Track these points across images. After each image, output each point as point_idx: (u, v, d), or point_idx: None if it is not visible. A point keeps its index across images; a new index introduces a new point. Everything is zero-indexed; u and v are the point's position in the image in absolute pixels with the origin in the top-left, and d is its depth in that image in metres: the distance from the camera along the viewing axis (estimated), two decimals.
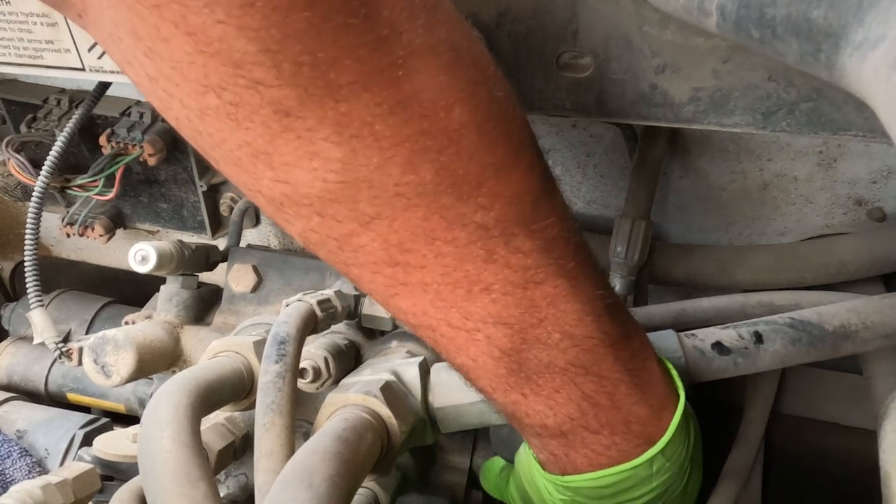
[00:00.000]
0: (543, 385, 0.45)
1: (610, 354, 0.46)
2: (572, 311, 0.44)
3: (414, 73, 0.36)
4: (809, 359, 0.59)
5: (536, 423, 0.47)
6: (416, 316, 0.44)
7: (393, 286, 0.43)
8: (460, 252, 0.40)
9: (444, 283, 0.41)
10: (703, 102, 0.55)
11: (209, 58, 0.33)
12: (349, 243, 0.41)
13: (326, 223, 0.40)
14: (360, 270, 0.43)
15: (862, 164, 0.81)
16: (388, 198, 0.38)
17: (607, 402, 0.47)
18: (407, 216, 0.39)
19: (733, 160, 0.84)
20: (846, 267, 0.80)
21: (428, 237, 0.40)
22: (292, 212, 0.40)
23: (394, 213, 0.39)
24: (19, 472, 0.79)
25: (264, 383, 0.55)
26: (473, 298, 0.42)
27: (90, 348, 0.73)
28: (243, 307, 0.84)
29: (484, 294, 0.42)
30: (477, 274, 0.41)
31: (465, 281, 0.42)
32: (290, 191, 0.38)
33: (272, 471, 0.51)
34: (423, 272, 0.41)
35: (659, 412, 0.49)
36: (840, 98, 0.53)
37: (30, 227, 0.79)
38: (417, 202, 0.39)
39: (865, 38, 0.29)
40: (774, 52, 0.35)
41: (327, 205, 0.38)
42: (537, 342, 0.44)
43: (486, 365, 0.45)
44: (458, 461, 0.78)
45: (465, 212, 0.40)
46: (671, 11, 0.46)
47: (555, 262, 0.43)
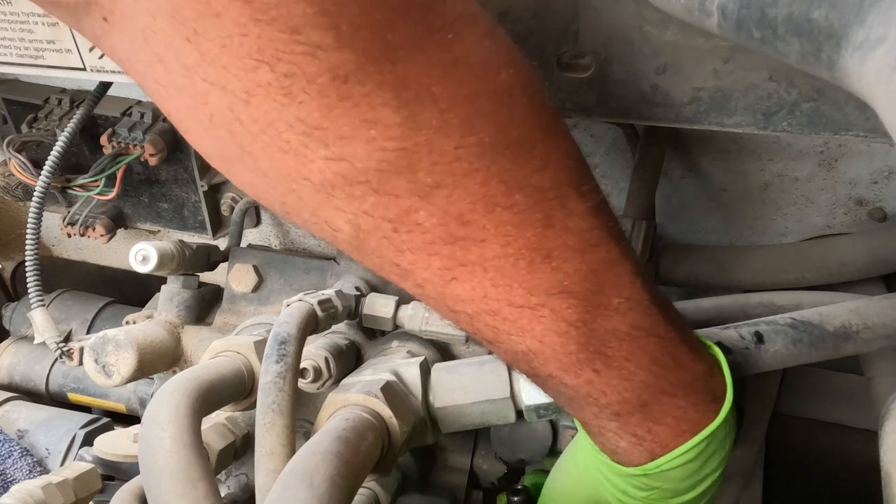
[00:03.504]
0: (613, 355, 0.45)
1: (661, 314, 0.47)
2: (626, 274, 0.45)
3: (462, 36, 0.37)
4: (810, 359, 0.59)
5: (615, 400, 0.47)
6: (475, 301, 0.43)
7: (451, 269, 0.42)
8: (520, 218, 0.40)
9: (504, 255, 0.41)
10: (704, 102, 0.55)
11: (265, 26, 0.33)
12: (405, 222, 0.40)
13: (383, 202, 0.39)
14: (414, 255, 0.41)
15: (863, 164, 0.81)
16: (447, 163, 0.38)
17: (672, 363, 0.47)
18: (467, 183, 0.39)
19: (734, 160, 0.84)
20: (847, 267, 0.80)
21: (488, 204, 0.40)
22: (345, 195, 0.39)
23: (454, 179, 0.38)
24: (20, 472, 0.79)
25: (265, 383, 0.55)
26: (535, 270, 0.42)
27: (91, 348, 0.73)
28: (244, 307, 0.84)
29: (545, 263, 0.42)
30: (537, 241, 0.41)
31: (527, 250, 0.41)
32: (345, 169, 0.37)
33: (273, 471, 0.51)
34: (483, 246, 0.41)
35: (712, 368, 0.50)
36: (841, 98, 0.53)
37: (31, 227, 0.79)
38: (477, 166, 0.39)
39: (866, 39, 0.29)
40: (775, 53, 0.35)
41: (385, 179, 0.38)
42: (601, 309, 0.44)
43: (553, 343, 0.44)
44: (459, 461, 0.78)
45: (522, 174, 0.40)
46: (672, 11, 0.46)
47: (605, 225, 0.44)
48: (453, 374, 0.63)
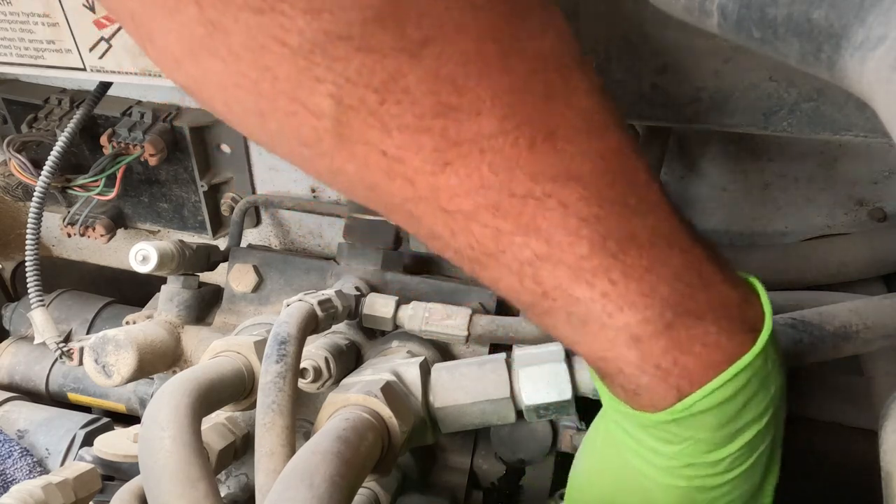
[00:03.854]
0: (632, 264, 0.40)
1: (683, 224, 0.42)
2: (641, 171, 0.41)
3: None
4: (810, 359, 0.59)
5: (635, 320, 0.41)
6: (471, 194, 0.39)
7: (444, 150, 0.38)
8: (518, 87, 0.37)
9: (502, 132, 0.38)
10: (704, 102, 0.55)
11: None
12: (393, 90, 0.37)
13: (367, 63, 0.36)
14: (403, 135, 0.38)
15: (863, 164, 0.81)
16: (437, 15, 0.35)
17: (698, 280, 0.42)
18: (458, 39, 0.36)
19: (734, 160, 0.84)
20: (847, 267, 0.80)
21: (482, 67, 0.37)
22: (326, 58, 0.36)
23: (444, 34, 0.36)
24: (20, 472, 0.79)
25: (265, 383, 0.55)
26: (537, 151, 0.38)
27: (91, 348, 0.73)
28: (244, 307, 0.84)
29: (548, 143, 0.38)
30: (538, 116, 0.38)
31: (527, 127, 0.38)
32: (327, 23, 0.35)
33: (273, 471, 0.51)
34: (479, 121, 0.37)
35: (747, 296, 0.44)
36: (841, 98, 0.53)
37: (31, 227, 0.79)
38: (468, 21, 0.36)
39: (867, 39, 0.29)
40: (775, 53, 0.35)
41: (370, 33, 0.35)
42: (615, 206, 0.40)
43: (562, 244, 0.39)
44: (459, 461, 0.78)
45: (518, 36, 0.37)
46: (672, 11, 0.46)
47: (611, 112, 0.41)
48: (453, 374, 0.63)
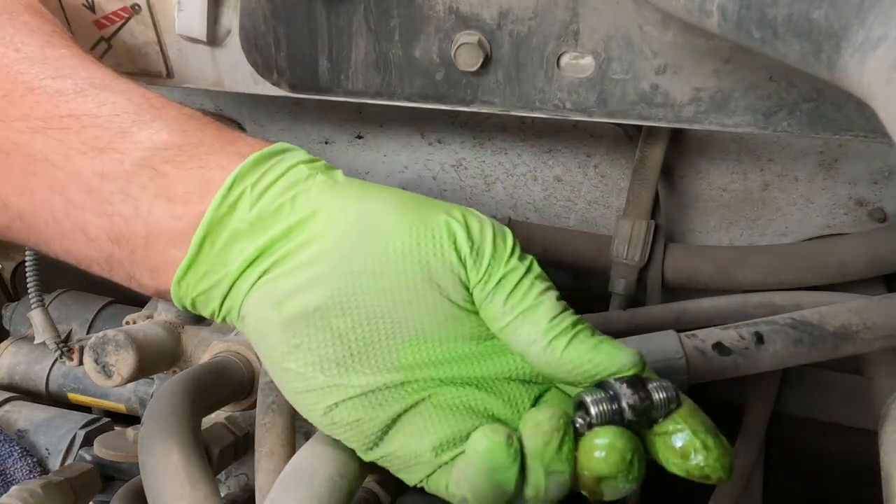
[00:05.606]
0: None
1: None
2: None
3: None
4: (810, 359, 0.59)
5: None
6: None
7: None
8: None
9: None
10: (704, 103, 0.55)
11: None
12: None
13: None
14: None
15: (863, 164, 0.81)
16: None
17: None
18: None
19: (734, 160, 0.84)
20: (847, 267, 0.80)
21: None
22: None
23: None
24: (20, 472, 0.79)
25: (265, 383, 0.55)
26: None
27: (91, 348, 0.73)
28: None
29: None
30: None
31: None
32: None
33: (273, 471, 0.51)
34: None
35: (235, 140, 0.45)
36: (841, 98, 0.53)
37: None
38: None
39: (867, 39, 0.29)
40: (775, 53, 0.35)
41: None
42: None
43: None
44: None
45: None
46: (672, 12, 0.46)
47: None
48: None
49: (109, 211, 0.43)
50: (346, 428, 0.43)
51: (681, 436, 0.41)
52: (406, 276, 0.42)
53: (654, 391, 0.42)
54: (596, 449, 0.40)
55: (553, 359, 0.42)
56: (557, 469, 0.40)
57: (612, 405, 0.41)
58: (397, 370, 0.43)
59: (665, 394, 0.42)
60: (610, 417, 0.41)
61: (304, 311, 0.42)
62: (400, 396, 0.43)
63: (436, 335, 0.44)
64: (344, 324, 0.42)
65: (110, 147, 0.43)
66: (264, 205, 0.42)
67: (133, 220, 0.43)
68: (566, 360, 0.42)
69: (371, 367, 0.42)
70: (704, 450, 0.41)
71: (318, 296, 0.42)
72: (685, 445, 0.41)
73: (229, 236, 0.42)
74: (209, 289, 0.43)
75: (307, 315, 0.42)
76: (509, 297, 0.43)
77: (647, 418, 0.42)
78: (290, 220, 0.42)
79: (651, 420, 0.42)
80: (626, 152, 0.85)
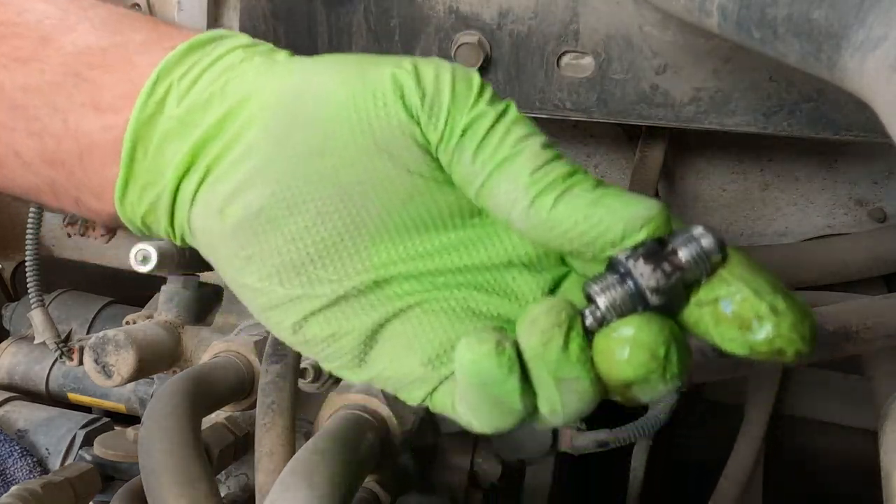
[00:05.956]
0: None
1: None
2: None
3: None
4: (810, 359, 0.59)
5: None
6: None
7: None
8: None
9: None
10: (704, 103, 0.55)
11: None
12: None
13: None
14: None
15: (863, 164, 0.81)
16: None
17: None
18: None
19: (734, 160, 0.84)
20: (847, 267, 0.80)
21: None
22: None
23: None
24: (20, 472, 0.79)
25: (265, 383, 0.56)
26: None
27: (91, 348, 0.73)
28: (244, 307, 0.84)
29: None
30: None
31: None
32: None
33: (273, 471, 0.51)
34: None
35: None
36: (841, 98, 0.53)
37: (30, 227, 0.79)
38: None
39: (867, 39, 0.29)
40: (775, 53, 0.35)
41: None
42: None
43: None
44: (458, 461, 0.78)
45: None
46: (672, 11, 0.46)
47: None
48: None
49: (38, 128, 0.39)
50: (322, 346, 0.37)
51: (736, 300, 0.31)
52: (349, 150, 0.35)
53: (682, 250, 0.31)
54: (615, 348, 0.31)
55: (539, 221, 0.33)
56: (569, 375, 0.32)
57: (626, 290, 0.31)
58: (367, 271, 0.36)
59: (699, 247, 0.31)
60: (628, 307, 0.31)
61: (248, 217, 0.36)
62: (378, 302, 0.37)
63: (403, 219, 0.36)
64: (295, 224, 0.36)
65: (33, 57, 0.38)
66: (194, 97, 0.37)
67: (63, 136, 0.38)
68: (556, 222, 0.33)
69: (337, 271, 0.36)
70: (773, 314, 0.30)
71: (259, 195, 0.36)
72: (742, 312, 0.31)
73: (160, 139, 0.37)
74: (153, 204, 0.38)
75: (251, 220, 0.36)
76: (479, 149, 0.34)
77: (679, 293, 0.31)
78: (221, 110, 0.36)
79: (688, 289, 0.32)
80: (626, 152, 0.85)
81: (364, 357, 0.37)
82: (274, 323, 0.38)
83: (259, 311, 0.39)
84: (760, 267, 0.32)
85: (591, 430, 0.74)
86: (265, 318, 0.39)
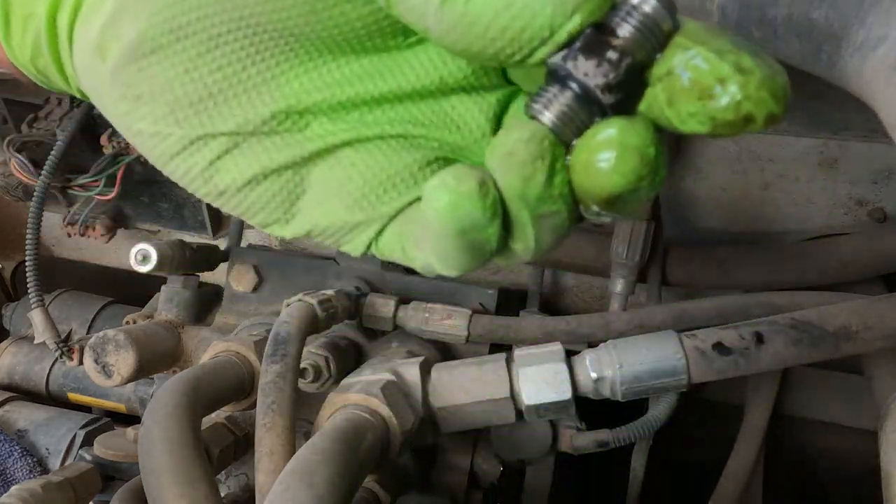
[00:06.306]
0: None
1: None
2: None
3: None
4: (810, 359, 0.59)
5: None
6: None
7: None
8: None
9: None
10: None
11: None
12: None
13: None
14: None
15: (863, 164, 0.81)
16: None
17: None
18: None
19: (734, 160, 0.84)
20: (847, 267, 0.80)
21: None
22: None
23: None
24: (20, 472, 0.79)
25: (265, 383, 0.55)
26: None
27: (91, 348, 0.73)
28: (244, 307, 0.84)
29: None
30: None
31: None
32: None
33: (273, 471, 0.51)
34: None
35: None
36: (841, 98, 0.53)
37: (30, 227, 0.79)
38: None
39: (866, 39, 0.29)
40: (775, 52, 0.35)
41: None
42: None
43: None
44: (459, 461, 0.78)
45: None
46: None
47: None
48: (453, 374, 0.63)
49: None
50: (240, 196, 0.33)
51: (693, 64, 0.26)
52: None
53: (623, 26, 0.26)
54: (599, 158, 0.27)
55: (455, 18, 0.27)
56: (550, 210, 0.29)
57: (573, 97, 0.27)
58: (276, 101, 0.32)
59: (643, 16, 0.26)
60: (582, 118, 0.27)
61: (127, 49, 0.31)
62: (297, 142, 0.32)
63: (312, 40, 0.32)
64: (185, 53, 0.31)
65: None
66: None
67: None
68: (474, 15, 0.27)
69: (242, 105, 0.32)
70: (739, 73, 0.25)
71: (134, 23, 0.31)
72: (702, 78, 0.25)
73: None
74: (36, 43, 0.34)
75: (132, 53, 0.31)
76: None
77: (634, 80, 0.27)
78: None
79: (643, 73, 0.27)
80: None
81: (292, 207, 0.33)
82: (182, 174, 0.34)
83: (162, 162, 0.34)
84: (720, 30, 0.27)
85: (591, 430, 0.74)
86: (171, 170, 0.34)
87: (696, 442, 0.97)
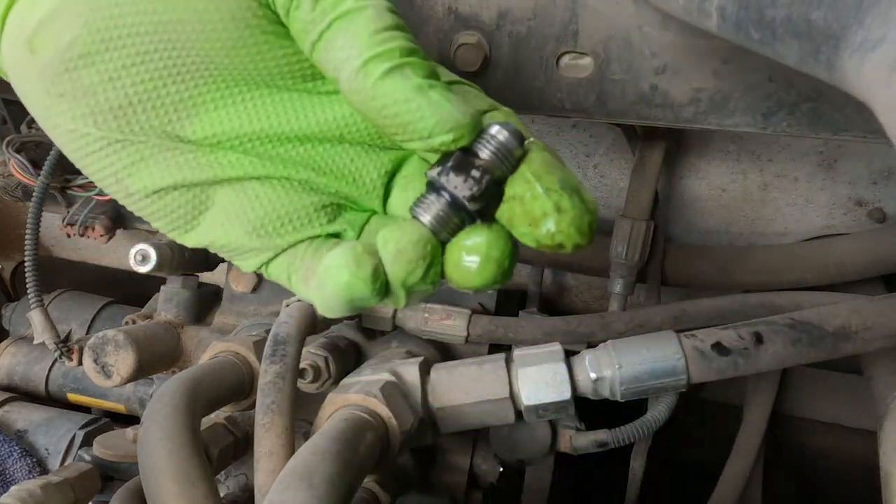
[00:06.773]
0: None
1: None
2: None
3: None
4: (809, 359, 0.59)
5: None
6: None
7: None
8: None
9: None
10: (704, 103, 0.55)
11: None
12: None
13: None
14: None
15: (862, 164, 0.81)
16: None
17: None
18: None
19: (734, 161, 0.84)
20: (846, 268, 0.80)
21: None
22: None
23: None
24: (20, 472, 0.79)
25: (264, 384, 0.55)
26: None
27: (90, 348, 0.73)
28: (243, 307, 0.84)
29: None
30: None
31: None
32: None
33: (272, 471, 0.51)
34: None
35: None
36: (841, 98, 0.53)
37: (30, 228, 0.79)
38: None
39: (865, 40, 0.29)
40: (774, 54, 0.35)
41: None
42: None
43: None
44: (458, 461, 0.78)
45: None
46: (671, 12, 0.46)
47: None
48: (453, 375, 0.63)
49: None
50: (147, 202, 0.36)
51: (527, 198, 0.34)
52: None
53: (483, 150, 0.34)
54: (467, 264, 0.35)
55: (363, 88, 0.33)
56: (421, 290, 0.35)
57: (446, 204, 0.35)
58: (192, 122, 0.35)
59: (498, 144, 0.34)
60: (453, 221, 0.35)
61: (59, 50, 0.33)
62: (208, 163, 0.35)
63: (229, 69, 0.34)
64: (112, 62, 0.33)
65: None
66: None
67: None
68: (379, 94, 0.33)
69: (160, 118, 0.34)
70: (556, 212, 0.33)
71: (70, 26, 0.33)
72: (532, 210, 0.34)
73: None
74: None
75: (62, 54, 0.33)
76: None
77: (493, 192, 0.34)
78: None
79: (500, 186, 0.35)
80: (626, 152, 0.85)
81: (193, 220, 0.36)
82: (94, 171, 0.36)
83: (77, 157, 0.36)
84: (557, 162, 0.35)
85: (590, 430, 0.74)
86: (83, 165, 0.36)
87: (696, 442, 0.97)
